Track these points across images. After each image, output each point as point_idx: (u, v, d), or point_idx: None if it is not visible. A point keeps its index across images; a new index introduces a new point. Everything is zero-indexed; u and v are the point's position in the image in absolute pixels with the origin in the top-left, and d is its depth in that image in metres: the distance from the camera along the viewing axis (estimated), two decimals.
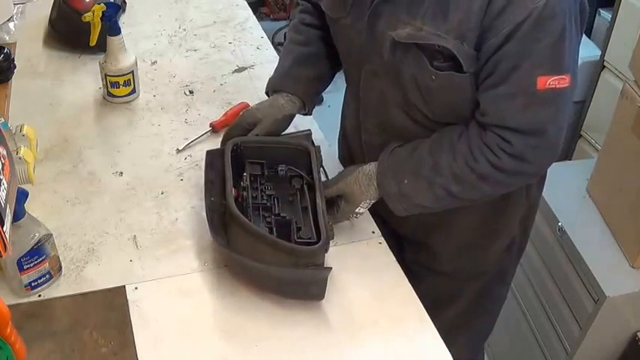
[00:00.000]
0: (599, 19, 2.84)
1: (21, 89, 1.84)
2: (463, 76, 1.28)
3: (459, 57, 1.25)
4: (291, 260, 1.27)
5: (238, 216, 1.30)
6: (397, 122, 1.45)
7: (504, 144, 1.28)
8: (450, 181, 1.33)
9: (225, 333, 1.26)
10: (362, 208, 1.42)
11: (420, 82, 1.33)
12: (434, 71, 1.30)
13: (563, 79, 1.24)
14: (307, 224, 1.36)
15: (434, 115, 1.39)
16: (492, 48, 1.23)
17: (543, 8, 1.18)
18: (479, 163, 1.30)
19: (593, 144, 2.69)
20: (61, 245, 1.38)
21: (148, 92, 1.87)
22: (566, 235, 2.05)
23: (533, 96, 1.24)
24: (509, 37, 1.21)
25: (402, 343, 1.27)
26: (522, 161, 1.30)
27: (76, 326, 1.25)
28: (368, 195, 1.40)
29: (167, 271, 1.36)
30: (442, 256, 1.62)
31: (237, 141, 1.47)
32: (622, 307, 1.94)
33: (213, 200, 1.39)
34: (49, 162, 1.60)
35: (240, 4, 2.34)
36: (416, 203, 1.38)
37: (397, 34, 1.30)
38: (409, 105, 1.40)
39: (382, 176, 1.39)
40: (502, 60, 1.23)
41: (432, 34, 1.26)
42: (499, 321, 1.88)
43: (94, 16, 1.80)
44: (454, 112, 1.38)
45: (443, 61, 1.28)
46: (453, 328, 1.29)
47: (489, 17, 1.21)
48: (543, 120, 1.27)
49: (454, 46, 1.25)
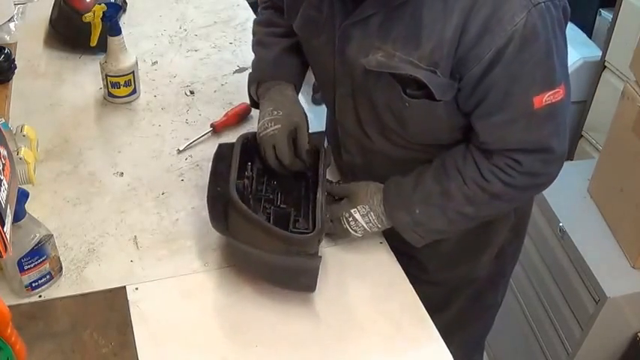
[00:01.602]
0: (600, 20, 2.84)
1: (21, 89, 1.84)
2: (437, 104, 1.26)
3: (430, 87, 1.22)
4: (283, 247, 1.27)
5: (236, 201, 1.31)
6: (375, 144, 1.44)
7: (514, 163, 1.27)
8: (462, 203, 1.32)
9: (225, 333, 1.26)
10: (358, 213, 1.38)
11: (394, 107, 1.32)
12: (407, 99, 1.27)
13: (558, 92, 1.22)
14: (306, 217, 1.37)
15: (411, 138, 1.38)
16: (476, 76, 1.20)
17: (524, 29, 1.14)
18: (491, 183, 1.29)
19: (594, 144, 2.68)
20: (62, 246, 1.38)
21: (149, 92, 1.87)
22: (567, 236, 2.05)
23: (532, 116, 1.23)
24: (492, 63, 1.17)
25: (402, 343, 1.26)
26: (534, 176, 1.30)
27: (76, 327, 1.25)
28: (370, 202, 1.38)
29: (168, 272, 1.36)
30: (430, 266, 1.60)
31: (249, 135, 1.47)
32: (623, 308, 1.94)
33: (219, 190, 1.39)
34: (49, 162, 1.60)
35: (240, 5, 2.34)
36: (432, 229, 1.37)
37: (367, 61, 1.27)
38: (385, 128, 1.39)
39: (391, 208, 1.37)
40: (491, 88, 1.20)
41: (404, 60, 1.23)
42: (500, 321, 1.88)
43: (94, 17, 1.80)
44: (430, 135, 1.36)
45: (416, 89, 1.25)
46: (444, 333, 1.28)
47: (465, 46, 1.18)
48: (546, 135, 1.26)
49: (425, 76, 1.21)
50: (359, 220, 1.39)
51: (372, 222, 1.39)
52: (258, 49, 1.58)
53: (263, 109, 1.48)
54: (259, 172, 1.45)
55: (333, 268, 1.36)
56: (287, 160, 1.41)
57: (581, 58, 2.65)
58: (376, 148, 1.44)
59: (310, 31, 1.41)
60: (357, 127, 1.44)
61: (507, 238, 1.61)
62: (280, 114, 1.44)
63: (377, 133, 1.42)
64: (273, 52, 1.54)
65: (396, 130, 1.38)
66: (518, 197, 1.36)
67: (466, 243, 1.56)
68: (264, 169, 1.45)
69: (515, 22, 1.14)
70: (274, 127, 1.42)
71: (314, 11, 1.37)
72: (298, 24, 1.44)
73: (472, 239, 1.56)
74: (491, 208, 1.36)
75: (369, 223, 1.39)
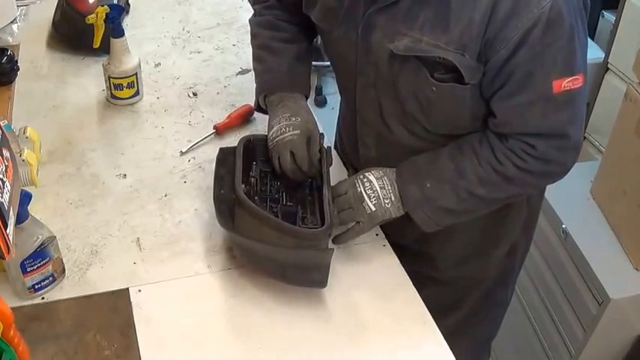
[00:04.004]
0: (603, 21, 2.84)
1: (24, 91, 1.84)
2: (465, 87, 1.27)
3: (460, 69, 1.23)
4: (294, 243, 1.28)
5: (245, 200, 1.31)
6: (395, 135, 1.43)
7: (529, 148, 1.28)
8: (474, 183, 1.32)
9: (228, 335, 1.26)
10: (372, 175, 1.38)
11: (419, 93, 1.32)
12: (435, 83, 1.28)
13: (577, 79, 1.23)
14: (313, 214, 1.38)
15: (432, 127, 1.38)
16: (503, 58, 1.21)
17: (550, 12, 1.17)
18: (505, 167, 1.30)
19: (597, 146, 2.69)
20: (65, 247, 1.38)
21: (152, 94, 1.87)
22: (570, 238, 2.05)
23: (551, 100, 1.24)
24: (519, 45, 1.19)
25: (405, 345, 1.26)
26: (548, 162, 1.30)
27: (79, 329, 1.25)
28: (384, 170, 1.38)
29: (171, 274, 1.36)
30: (443, 264, 1.61)
31: (250, 137, 1.48)
32: (626, 310, 1.94)
33: (223, 192, 1.39)
34: (52, 164, 1.60)
35: (243, 6, 2.34)
36: (440, 206, 1.36)
37: (395, 46, 1.28)
38: (407, 117, 1.39)
39: (403, 183, 1.37)
40: (515, 69, 1.22)
41: (432, 45, 1.24)
42: (503, 323, 1.87)
43: (97, 18, 1.80)
44: (453, 124, 1.37)
45: (444, 73, 1.26)
46: (454, 333, 1.28)
47: (494, 27, 1.19)
48: (563, 122, 1.27)
49: (455, 57, 1.23)
50: (373, 182, 1.38)
51: (386, 188, 1.37)
52: (265, 54, 1.56)
53: (277, 115, 1.47)
54: (262, 173, 1.45)
55: (336, 270, 1.36)
56: (306, 166, 1.41)
57: None
58: (395, 139, 1.44)
59: (330, 22, 1.40)
60: (377, 118, 1.44)
61: (519, 234, 1.61)
62: (298, 120, 1.44)
63: (398, 123, 1.42)
64: (285, 60, 1.53)
65: (418, 119, 1.38)
66: (531, 183, 1.36)
67: (478, 239, 1.57)
68: (266, 171, 1.45)
69: (543, 5, 1.16)
70: (292, 133, 1.42)
71: (334, 2, 1.37)
72: (317, 15, 1.43)
73: (484, 235, 1.56)
74: (502, 192, 1.36)
75: (382, 188, 1.37)
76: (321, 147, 1.47)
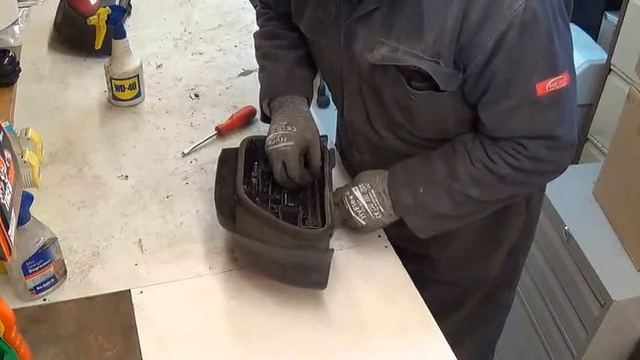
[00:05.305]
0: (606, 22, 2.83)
1: (26, 93, 1.84)
2: (442, 94, 1.27)
3: (434, 77, 1.23)
4: (294, 243, 1.28)
5: (245, 199, 1.31)
6: (385, 140, 1.44)
7: (520, 148, 1.28)
8: (468, 185, 1.32)
9: (230, 337, 1.26)
10: (358, 190, 1.39)
11: (401, 101, 1.32)
12: (412, 91, 1.28)
13: (561, 78, 1.22)
14: (314, 215, 1.38)
15: (418, 132, 1.38)
16: (480, 64, 1.20)
17: (523, 14, 1.15)
18: (497, 165, 1.29)
19: (599, 147, 2.68)
20: (66, 249, 1.38)
21: (154, 95, 1.87)
22: (573, 239, 2.04)
23: (536, 103, 1.23)
24: (495, 50, 1.18)
25: (407, 347, 1.26)
26: (540, 162, 1.29)
27: (81, 330, 1.25)
28: (372, 180, 1.39)
29: (172, 275, 1.36)
30: (443, 266, 1.61)
31: (253, 138, 1.48)
32: (628, 311, 1.93)
33: (225, 192, 1.39)
34: (54, 166, 1.60)
35: (245, 7, 2.34)
36: (435, 212, 1.35)
37: (372, 55, 1.28)
38: (393, 123, 1.39)
39: (395, 186, 1.37)
40: (495, 75, 1.21)
41: (408, 53, 1.24)
42: (505, 325, 1.87)
43: (99, 20, 1.80)
44: (439, 129, 1.37)
45: (421, 81, 1.26)
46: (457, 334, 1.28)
47: (466, 33, 1.18)
48: (551, 123, 1.26)
49: (429, 66, 1.23)
50: (359, 198, 1.39)
51: (373, 202, 1.38)
52: (267, 62, 1.57)
53: (275, 122, 1.47)
54: (264, 174, 1.45)
55: (338, 272, 1.36)
56: (297, 179, 1.41)
57: (587, 61, 2.65)
58: (385, 144, 1.44)
59: (317, 32, 1.42)
60: (366, 125, 1.45)
61: (519, 236, 1.61)
62: (294, 131, 1.43)
63: (385, 129, 1.42)
64: (284, 65, 1.53)
65: (404, 125, 1.38)
66: (526, 182, 1.35)
67: (477, 241, 1.57)
68: (268, 172, 1.45)
69: (515, 7, 1.15)
70: (286, 143, 1.41)
71: (321, 12, 1.38)
72: (305, 26, 1.45)
73: (484, 237, 1.56)
74: (497, 193, 1.35)
75: (370, 203, 1.38)
76: (324, 149, 1.47)
